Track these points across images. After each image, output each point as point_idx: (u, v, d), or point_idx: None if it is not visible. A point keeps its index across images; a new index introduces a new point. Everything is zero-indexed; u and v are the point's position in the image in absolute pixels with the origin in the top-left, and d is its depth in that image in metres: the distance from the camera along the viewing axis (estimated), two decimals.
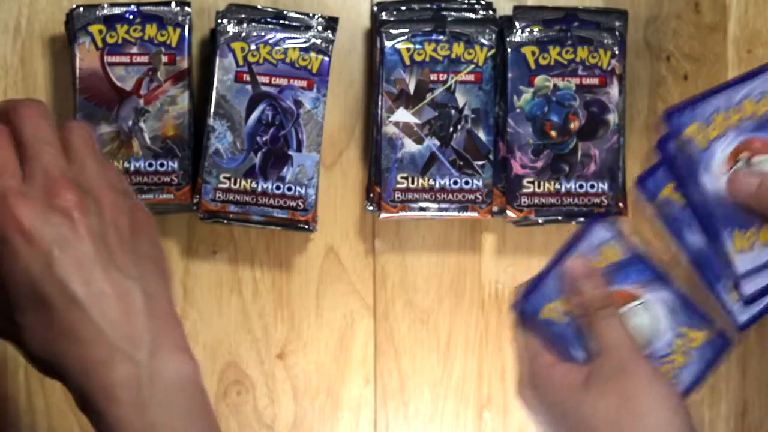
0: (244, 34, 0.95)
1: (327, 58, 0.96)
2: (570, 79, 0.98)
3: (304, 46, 0.96)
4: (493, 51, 0.98)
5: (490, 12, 0.99)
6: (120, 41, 0.94)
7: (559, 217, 0.98)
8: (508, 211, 0.98)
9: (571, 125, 0.98)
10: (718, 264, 0.75)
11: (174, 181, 0.95)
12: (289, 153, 0.96)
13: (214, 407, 0.72)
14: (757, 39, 1.04)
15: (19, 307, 0.65)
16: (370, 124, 1.00)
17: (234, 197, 0.95)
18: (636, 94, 1.03)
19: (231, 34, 0.95)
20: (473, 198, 0.97)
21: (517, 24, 0.98)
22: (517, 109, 0.98)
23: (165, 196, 0.95)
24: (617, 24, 0.99)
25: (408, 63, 0.97)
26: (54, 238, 0.64)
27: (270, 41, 0.96)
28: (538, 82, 0.98)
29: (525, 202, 0.98)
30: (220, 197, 0.95)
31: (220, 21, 0.95)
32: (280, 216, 0.95)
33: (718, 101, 0.72)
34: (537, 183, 0.98)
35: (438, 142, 0.97)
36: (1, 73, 0.98)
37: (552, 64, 0.98)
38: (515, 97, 0.98)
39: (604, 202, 0.97)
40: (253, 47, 0.95)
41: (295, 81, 0.96)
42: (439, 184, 0.97)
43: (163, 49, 0.94)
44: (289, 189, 0.95)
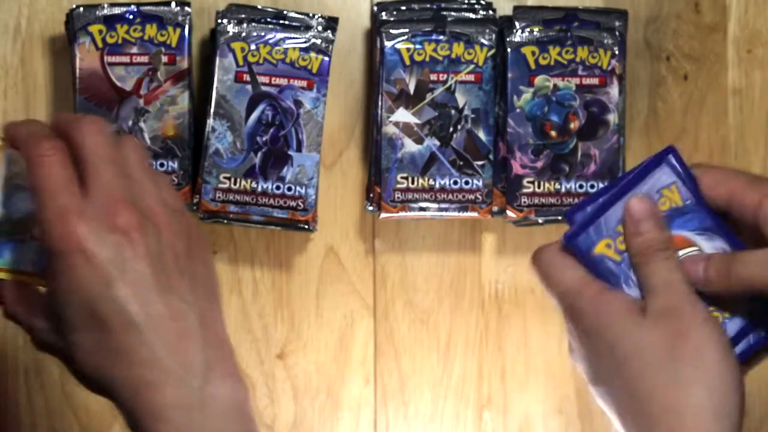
0: (244, 34, 0.95)
1: (327, 58, 0.96)
2: (570, 79, 0.98)
3: (304, 46, 0.96)
4: (493, 51, 0.98)
5: (490, 12, 0.99)
6: (120, 41, 0.94)
7: (559, 217, 0.98)
8: (508, 211, 0.98)
9: (571, 125, 0.98)
10: None
11: (174, 181, 0.95)
12: (289, 153, 0.96)
13: None
14: (757, 39, 1.04)
15: (74, 324, 0.65)
16: (370, 124, 1.00)
17: (234, 197, 0.95)
18: (636, 94, 1.03)
19: (231, 34, 0.95)
20: (473, 198, 0.97)
21: (517, 24, 0.98)
22: (517, 109, 0.98)
23: None
24: (617, 24, 0.99)
25: (408, 63, 0.97)
26: (112, 258, 0.64)
27: (270, 41, 0.96)
28: (538, 82, 0.98)
29: (525, 202, 0.98)
30: (220, 197, 0.95)
31: (220, 21, 0.95)
32: (280, 216, 0.95)
33: (618, 211, 0.72)
34: (537, 183, 0.98)
35: (438, 142, 0.97)
36: (1, 73, 0.98)
37: (552, 64, 0.98)
38: (515, 97, 0.98)
39: None
40: (253, 47, 0.95)
41: (295, 81, 0.96)
42: (439, 184, 0.97)
43: (163, 49, 0.94)
44: (289, 189, 0.95)
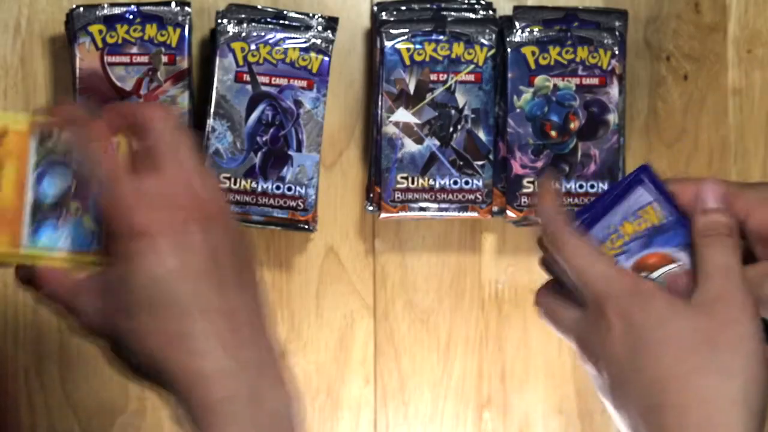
0: (244, 34, 0.95)
1: (327, 58, 0.96)
2: (570, 79, 0.98)
3: (304, 46, 0.96)
4: (493, 51, 0.98)
5: (490, 12, 0.99)
6: (120, 41, 0.94)
7: None
8: (508, 211, 0.98)
9: (571, 125, 0.98)
10: None
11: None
12: (289, 153, 0.96)
13: None
14: (757, 39, 1.04)
15: (133, 309, 0.65)
16: (370, 124, 1.00)
17: (234, 197, 0.95)
18: (636, 94, 1.03)
19: (231, 34, 0.95)
20: (473, 198, 0.97)
21: (517, 24, 0.98)
22: (517, 109, 0.98)
23: None
24: (617, 24, 0.99)
25: (408, 63, 0.97)
26: (175, 248, 0.65)
27: (270, 41, 0.96)
28: (538, 82, 0.98)
29: (525, 202, 0.98)
30: None
31: (220, 21, 0.95)
32: (280, 216, 0.95)
33: (598, 232, 0.71)
34: (537, 183, 0.98)
35: (438, 142, 0.97)
36: (1, 73, 0.98)
37: (552, 64, 0.98)
38: (515, 97, 0.98)
39: None
40: (253, 47, 0.95)
41: (295, 81, 0.96)
42: (439, 184, 0.97)
43: (163, 49, 0.94)
44: (289, 189, 0.95)
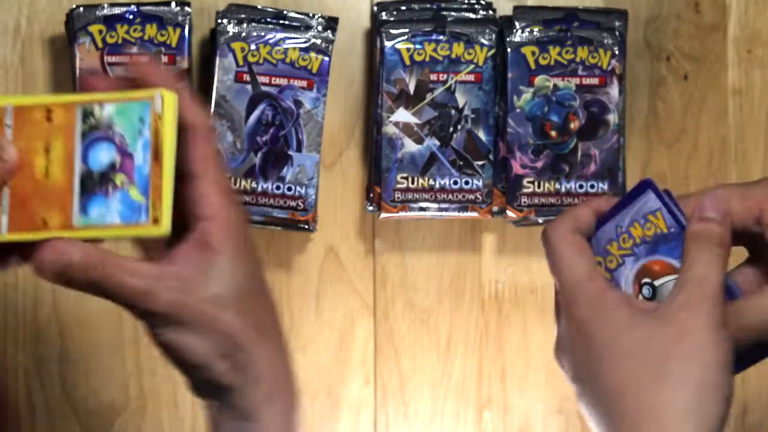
0: (244, 34, 0.95)
1: (327, 58, 0.96)
2: (570, 79, 0.98)
3: (304, 46, 0.96)
4: (493, 51, 0.98)
5: (490, 12, 0.99)
6: (120, 41, 0.94)
7: None
8: (508, 211, 0.98)
9: (571, 125, 0.98)
10: None
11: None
12: (289, 153, 0.96)
13: None
14: (757, 39, 1.04)
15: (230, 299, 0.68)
16: (370, 124, 1.00)
17: None
18: (636, 94, 1.03)
19: (231, 34, 0.95)
20: (473, 198, 0.97)
21: (517, 24, 0.98)
22: (517, 109, 0.98)
23: None
24: (617, 24, 0.99)
25: (408, 63, 0.97)
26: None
27: (270, 41, 0.96)
28: (538, 82, 0.98)
29: (525, 202, 0.98)
30: None
31: (220, 21, 0.95)
32: (280, 216, 0.95)
33: (609, 231, 0.72)
34: (537, 183, 0.98)
35: (438, 142, 0.97)
36: (1, 73, 0.98)
37: (552, 64, 0.98)
38: (515, 97, 0.98)
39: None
40: (253, 47, 0.95)
41: (295, 81, 0.96)
42: (439, 184, 0.97)
43: (163, 49, 0.94)
44: (289, 189, 0.95)
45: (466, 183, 0.97)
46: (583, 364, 0.69)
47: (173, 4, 0.95)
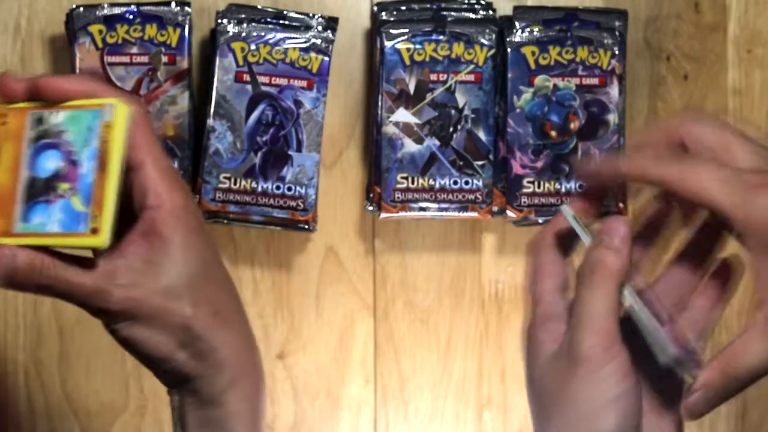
0: (244, 34, 0.95)
1: (327, 58, 0.96)
2: (570, 79, 0.98)
3: (304, 46, 0.96)
4: (493, 51, 0.98)
5: (490, 12, 0.99)
6: (120, 41, 0.94)
7: None
8: (508, 211, 0.98)
9: (571, 125, 0.98)
10: None
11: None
12: (289, 153, 0.96)
13: None
14: (757, 39, 1.04)
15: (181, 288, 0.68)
16: (370, 124, 1.00)
17: (234, 197, 0.95)
18: (636, 94, 1.03)
19: (231, 34, 0.95)
20: (473, 198, 0.97)
21: (517, 24, 0.98)
22: (517, 109, 0.98)
23: None
24: (617, 24, 0.99)
25: (408, 63, 0.97)
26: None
27: (270, 41, 0.96)
28: (538, 82, 0.98)
29: (525, 202, 0.98)
30: (220, 197, 0.95)
31: (220, 21, 0.95)
32: (280, 216, 0.95)
33: None
34: (537, 183, 0.98)
35: (438, 142, 0.97)
36: None
37: (552, 64, 0.98)
38: (515, 97, 0.98)
39: (604, 203, 0.97)
40: (253, 47, 0.95)
41: (295, 81, 0.96)
42: (439, 184, 0.97)
43: (163, 49, 0.94)
44: (289, 189, 0.95)
45: (466, 183, 0.97)
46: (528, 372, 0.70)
47: (173, 4, 0.95)
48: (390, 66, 0.97)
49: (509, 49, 0.98)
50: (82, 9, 0.94)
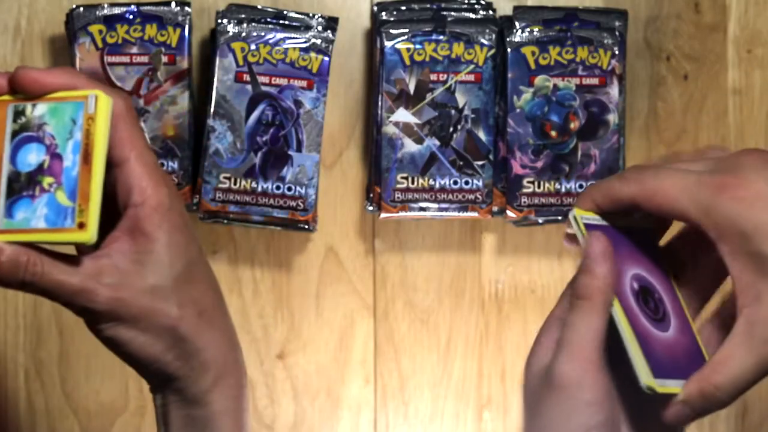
0: (244, 34, 0.95)
1: (327, 58, 0.96)
2: (570, 79, 0.98)
3: (304, 46, 0.96)
4: (493, 51, 0.98)
5: (490, 12, 0.99)
6: (120, 41, 0.94)
7: (559, 217, 0.98)
8: (508, 211, 0.98)
9: (571, 125, 0.98)
10: None
11: (174, 181, 0.95)
12: (289, 153, 0.96)
13: None
14: (757, 39, 1.04)
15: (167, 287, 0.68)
16: (370, 124, 1.00)
17: (234, 197, 0.95)
18: (636, 94, 1.03)
19: (231, 34, 0.95)
20: (473, 198, 0.97)
21: (517, 24, 0.98)
22: (517, 109, 0.98)
23: None
24: (617, 24, 0.99)
25: (408, 63, 0.97)
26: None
27: (270, 41, 0.96)
28: (538, 82, 0.98)
29: (525, 202, 0.98)
30: (220, 197, 0.95)
31: (220, 21, 0.95)
32: (280, 216, 0.95)
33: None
34: (537, 183, 0.98)
35: (438, 142, 0.97)
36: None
37: (552, 64, 0.98)
38: (515, 97, 0.98)
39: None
40: (253, 47, 0.95)
41: (295, 81, 0.96)
42: (439, 184, 0.97)
43: (163, 49, 0.94)
44: (289, 189, 0.95)
45: (466, 183, 0.97)
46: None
47: (173, 4, 0.95)
48: (390, 66, 0.97)
49: (509, 49, 0.98)
50: (82, 9, 0.94)
